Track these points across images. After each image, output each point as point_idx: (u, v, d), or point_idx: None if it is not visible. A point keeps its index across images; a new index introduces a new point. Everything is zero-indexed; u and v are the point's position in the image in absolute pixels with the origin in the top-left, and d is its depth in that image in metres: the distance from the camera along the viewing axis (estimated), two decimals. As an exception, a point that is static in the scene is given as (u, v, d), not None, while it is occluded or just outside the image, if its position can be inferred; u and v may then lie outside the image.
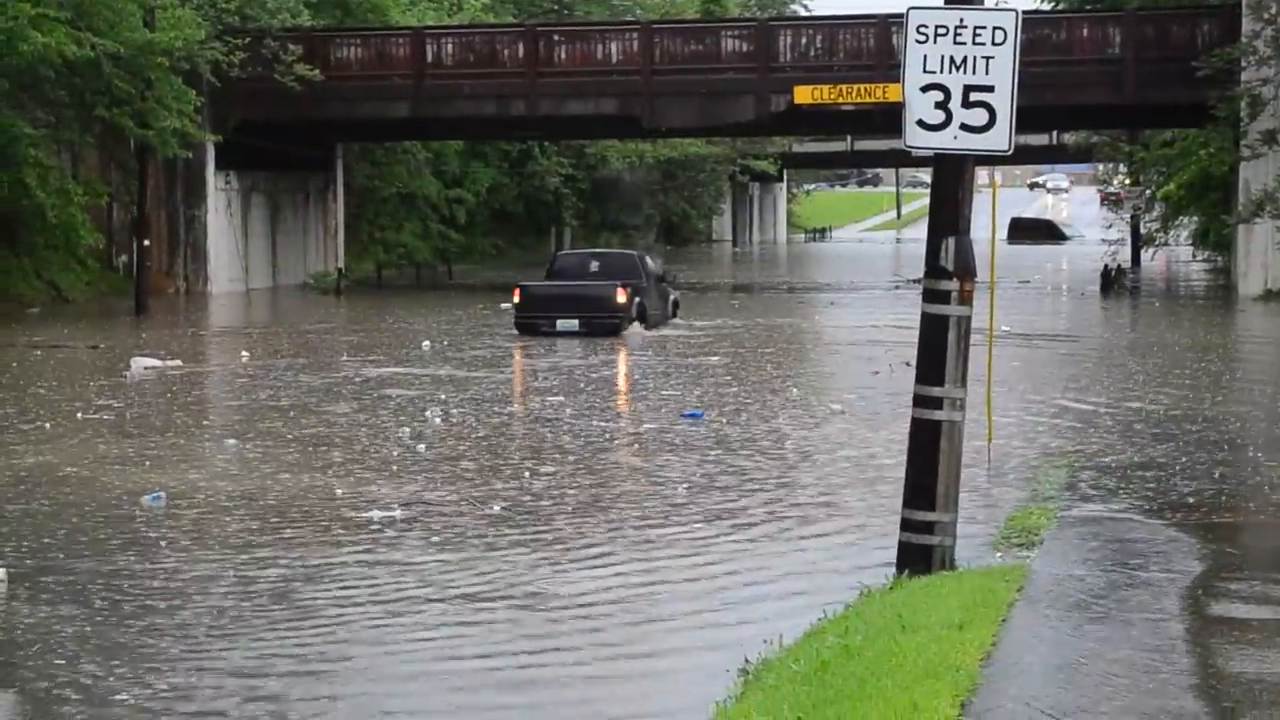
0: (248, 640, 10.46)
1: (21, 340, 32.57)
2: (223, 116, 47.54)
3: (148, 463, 17.32)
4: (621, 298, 33.90)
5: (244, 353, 29.84)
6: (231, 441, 18.84)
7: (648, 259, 37.82)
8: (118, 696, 9.33)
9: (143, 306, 41.34)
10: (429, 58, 49.40)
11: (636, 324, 34.12)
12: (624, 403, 22.49)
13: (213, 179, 49.57)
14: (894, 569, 11.02)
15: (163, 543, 13.33)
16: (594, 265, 36.30)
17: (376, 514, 14.34)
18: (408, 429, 19.76)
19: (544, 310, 33.86)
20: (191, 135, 42.98)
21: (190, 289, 49.30)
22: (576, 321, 33.44)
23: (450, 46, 50.13)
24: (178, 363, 27.91)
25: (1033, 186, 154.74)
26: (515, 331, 33.66)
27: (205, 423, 21.41)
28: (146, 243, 43.36)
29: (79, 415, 21.16)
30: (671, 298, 37.69)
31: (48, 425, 20.19)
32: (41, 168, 41.24)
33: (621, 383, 25.19)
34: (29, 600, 11.40)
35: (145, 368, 26.82)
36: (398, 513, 14.42)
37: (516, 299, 34.57)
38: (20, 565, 12.37)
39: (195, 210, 49.60)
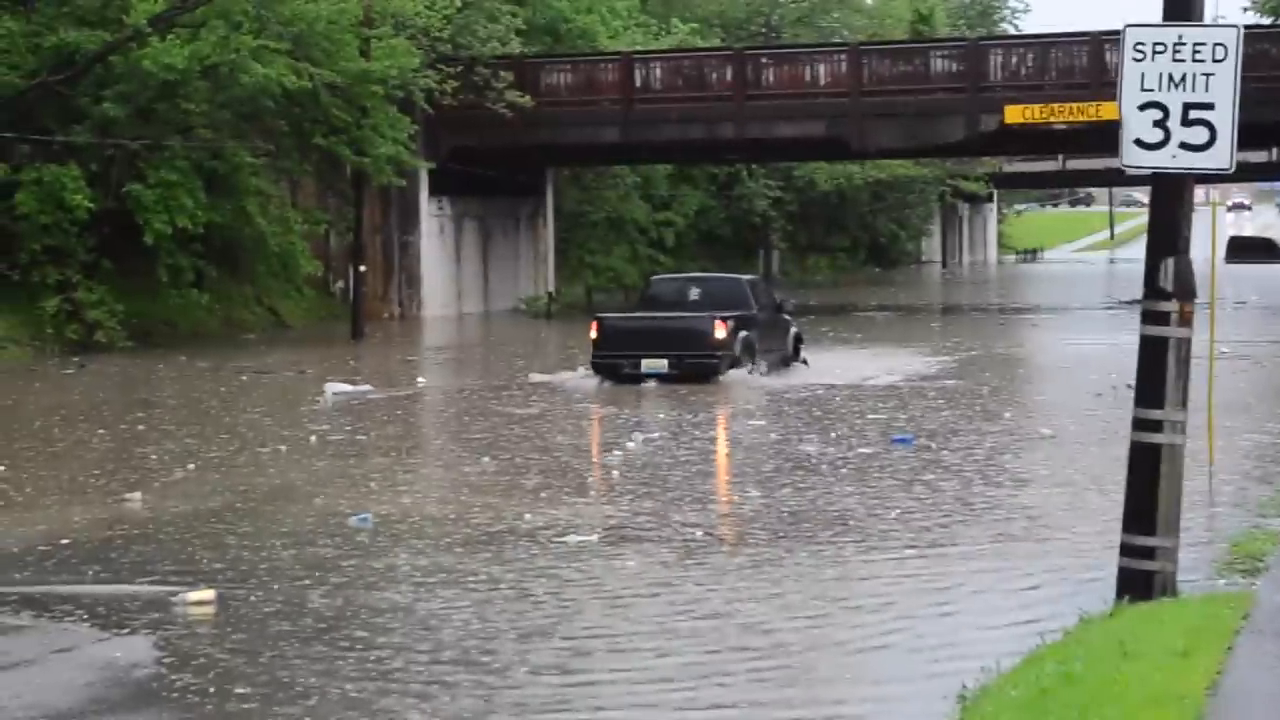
0: (465, 684, 10.59)
1: (230, 365, 33.44)
2: (435, 143, 48.38)
3: (347, 485, 17.64)
4: (721, 333, 28.10)
5: (420, 378, 30.20)
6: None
7: (761, 285, 32.47)
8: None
9: (359, 332, 42.18)
10: (638, 82, 49.76)
11: (745, 366, 28.66)
12: (830, 426, 22.37)
13: (426, 205, 50.44)
14: (1113, 595, 10.83)
15: (368, 564, 13.56)
16: (694, 293, 30.21)
17: (574, 538, 14.40)
18: (619, 451, 19.87)
19: (625, 348, 28.17)
20: (405, 163, 43.78)
21: (405, 314, 50.16)
22: (665, 362, 27.80)
23: (659, 71, 50.44)
24: (368, 388, 28.29)
25: (1234, 208, 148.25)
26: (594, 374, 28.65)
27: (392, 447, 21.77)
28: (363, 269, 44.22)
29: (312, 439, 21.65)
30: (793, 332, 31.57)
31: (237, 450, 20.68)
32: (262, 196, 42.33)
33: (824, 405, 25.04)
34: (239, 621, 11.68)
35: (335, 393, 27.17)
36: (595, 537, 14.46)
37: (594, 334, 28.72)
38: (232, 586, 12.68)
39: (409, 236, 50.51)
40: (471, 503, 16.39)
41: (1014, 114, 46.30)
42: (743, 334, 28.65)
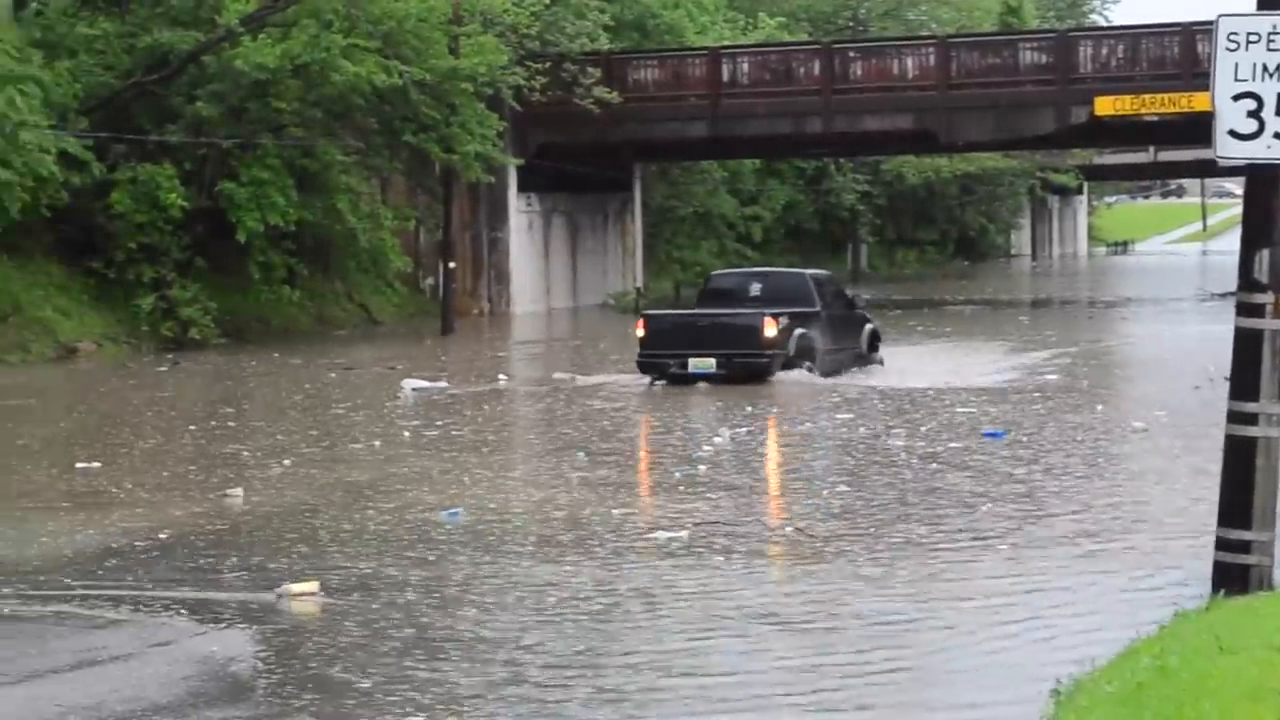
0: (561, 672, 10.65)
1: (322, 361, 33.71)
2: (523, 140, 48.57)
3: (439, 481, 17.76)
4: (771, 330, 26.62)
5: (502, 376, 30.27)
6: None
7: (829, 280, 30.22)
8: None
9: (449, 328, 42.45)
10: (725, 77, 49.76)
11: (802, 366, 27.15)
12: (919, 421, 22.30)
13: (514, 201, 50.67)
14: (1208, 590, 10.77)
15: (460, 560, 13.66)
16: (754, 288, 28.65)
17: (662, 534, 14.39)
18: (708, 447, 19.89)
19: (672, 347, 26.93)
20: (494, 159, 43.98)
21: (494, 310, 50.41)
22: (713, 361, 26.52)
23: (746, 65, 50.43)
24: (444, 385, 28.39)
25: None
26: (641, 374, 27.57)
27: (481, 443, 21.88)
28: (452, 265, 44.48)
29: (405, 435, 21.83)
30: (867, 329, 29.84)
31: (327, 446, 20.86)
32: (353, 193, 42.66)
33: (913, 400, 24.94)
34: (338, 616, 11.78)
35: (415, 389, 27.30)
36: (684, 534, 14.41)
37: (640, 332, 27.49)
38: (332, 581, 12.82)
39: (498, 233, 50.76)
40: (558, 499, 16.44)
41: (1104, 105, 45.96)
42: (799, 332, 27.09)
